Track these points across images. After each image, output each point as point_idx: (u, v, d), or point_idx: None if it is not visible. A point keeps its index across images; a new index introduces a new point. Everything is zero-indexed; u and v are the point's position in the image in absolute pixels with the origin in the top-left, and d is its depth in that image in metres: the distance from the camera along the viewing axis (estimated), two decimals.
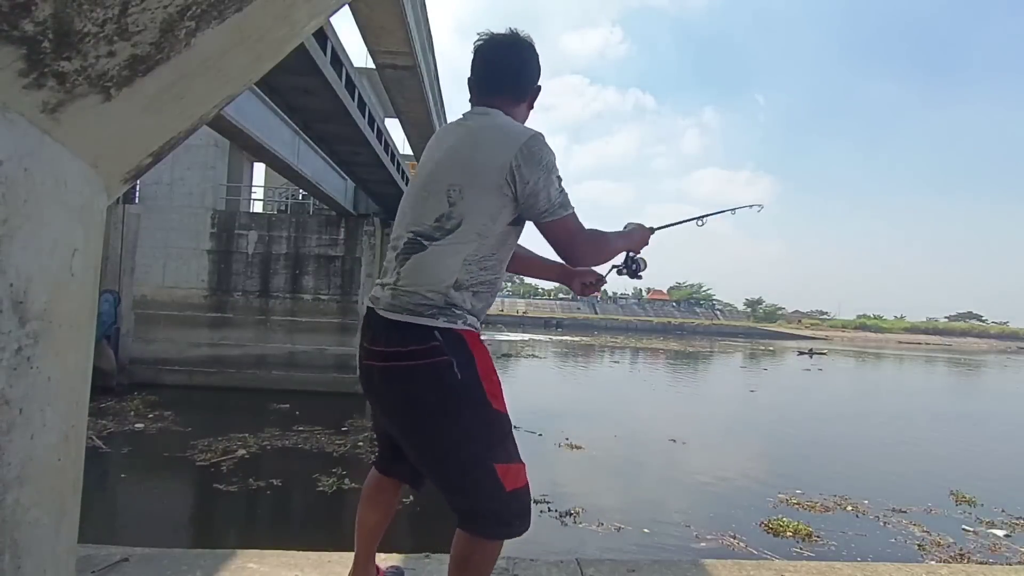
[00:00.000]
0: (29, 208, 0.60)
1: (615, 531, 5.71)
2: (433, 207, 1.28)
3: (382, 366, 1.27)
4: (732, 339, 58.80)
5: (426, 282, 1.24)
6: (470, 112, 1.41)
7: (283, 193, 16.32)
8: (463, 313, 1.26)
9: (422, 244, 1.27)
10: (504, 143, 1.28)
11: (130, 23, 0.58)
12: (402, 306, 1.25)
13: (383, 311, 1.27)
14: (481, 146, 1.30)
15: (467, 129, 1.35)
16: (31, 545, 0.63)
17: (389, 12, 4.85)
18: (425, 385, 1.23)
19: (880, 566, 2.10)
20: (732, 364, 30.56)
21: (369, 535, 1.50)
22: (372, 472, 1.51)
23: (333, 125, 7.89)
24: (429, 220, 1.28)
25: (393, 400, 1.29)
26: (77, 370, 0.72)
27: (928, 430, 12.67)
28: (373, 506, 1.49)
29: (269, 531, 5.67)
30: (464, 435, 1.24)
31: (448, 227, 1.26)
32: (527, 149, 1.27)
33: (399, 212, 1.38)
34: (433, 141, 1.43)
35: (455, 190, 1.27)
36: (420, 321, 1.23)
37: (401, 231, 1.32)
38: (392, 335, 1.24)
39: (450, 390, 1.22)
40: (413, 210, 1.32)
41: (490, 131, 1.32)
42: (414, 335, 1.23)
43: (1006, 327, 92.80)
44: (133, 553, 1.77)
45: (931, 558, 5.35)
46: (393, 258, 1.32)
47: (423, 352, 1.22)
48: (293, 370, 12.23)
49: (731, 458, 9.19)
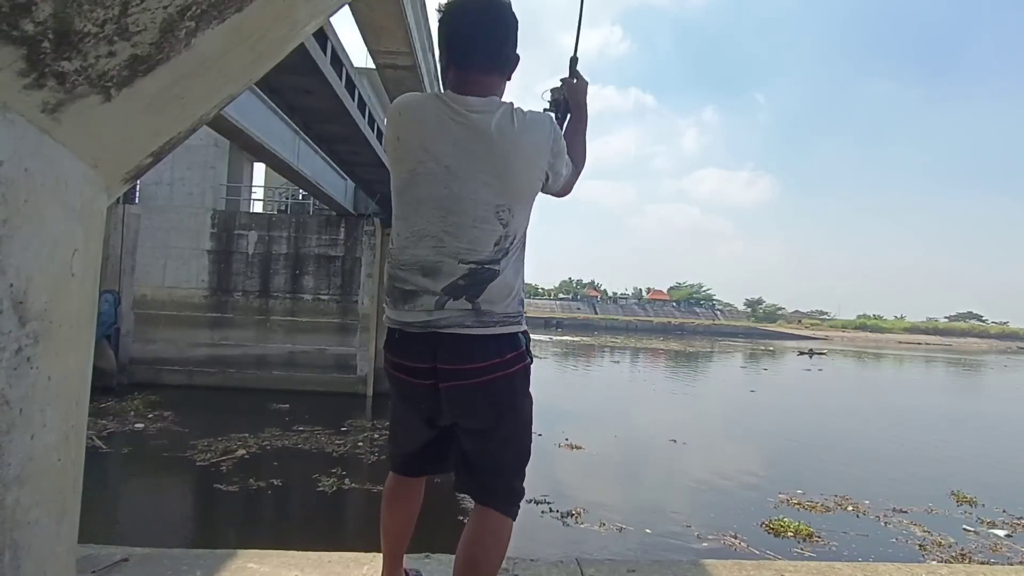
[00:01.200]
0: (29, 208, 0.60)
1: (617, 531, 5.72)
2: (487, 232, 1.24)
3: (469, 383, 1.27)
4: (732, 339, 58.80)
5: (505, 296, 1.28)
6: (461, 105, 1.25)
7: (283, 193, 16.32)
8: (522, 314, 1.35)
9: (492, 271, 1.25)
10: (536, 146, 1.28)
11: (130, 23, 0.58)
12: (492, 321, 1.27)
13: (455, 329, 1.24)
14: (513, 157, 1.25)
15: (478, 133, 1.23)
16: (31, 545, 0.63)
17: (389, 12, 4.85)
18: (519, 388, 1.32)
19: (880, 566, 2.09)
20: (732, 364, 30.56)
21: (399, 537, 1.50)
22: (395, 477, 1.50)
23: (333, 125, 7.90)
24: (488, 247, 1.24)
25: (477, 409, 1.31)
26: (77, 370, 0.72)
27: (928, 430, 12.67)
28: (402, 507, 1.49)
29: (269, 531, 5.67)
30: (527, 426, 1.38)
31: (507, 246, 1.27)
32: (556, 144, 1.32)
33: (412, 229, 1.27)
34: (424, 127, 1.27)
35: (504, 210, 1.25)
36: (509, 330, 1.29)
37: (443, 255, 1.24)
38: (484, 348, 1.26)
39: (526, 386, 1.35)
40: (455, 235, 1.23)
41: (516, 135, 1.25)
42: (508, 344, 1.29)
43: (1006, 327, 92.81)
44: (133, 553, 1.77)
45: (932, 558, 5.35)
46: (439, 282, 1.24)
47: (517, 358, 1.30)
48: (293, 370, 12.23)
49: (731, 458, 9.18)
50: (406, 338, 1.30)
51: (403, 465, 1.49)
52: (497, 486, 1.35)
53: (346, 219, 12.83)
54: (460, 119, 1.25)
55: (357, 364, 12.44)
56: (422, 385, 1.30)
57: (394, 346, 1.34)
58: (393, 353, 1.34)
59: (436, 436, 1.42)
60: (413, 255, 1.27)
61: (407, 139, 1.29)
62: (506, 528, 1.34)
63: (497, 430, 1.33)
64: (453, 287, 1.24)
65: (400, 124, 1.31)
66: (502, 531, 1.33)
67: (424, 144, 1.26)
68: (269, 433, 8.62)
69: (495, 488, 1.35)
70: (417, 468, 1.49)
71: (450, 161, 1.24)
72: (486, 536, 1.32)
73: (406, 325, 1.29)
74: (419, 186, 1.27)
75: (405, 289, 1.28)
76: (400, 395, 1.40)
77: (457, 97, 1.27)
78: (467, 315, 1.24)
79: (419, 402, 1.34)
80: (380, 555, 1.55)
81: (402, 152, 1.29)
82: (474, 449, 1.36)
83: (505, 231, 1.25)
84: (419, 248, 1.26)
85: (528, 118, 1.28)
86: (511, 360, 1.29)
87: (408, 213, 1.29)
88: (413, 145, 1.28)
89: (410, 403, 1.38)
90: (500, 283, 1.26)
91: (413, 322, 1.27)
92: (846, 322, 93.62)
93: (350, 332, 12.49)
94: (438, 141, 1.25)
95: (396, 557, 1.51)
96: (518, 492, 1.38)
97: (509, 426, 1.34)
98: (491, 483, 1.35)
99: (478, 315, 1.24)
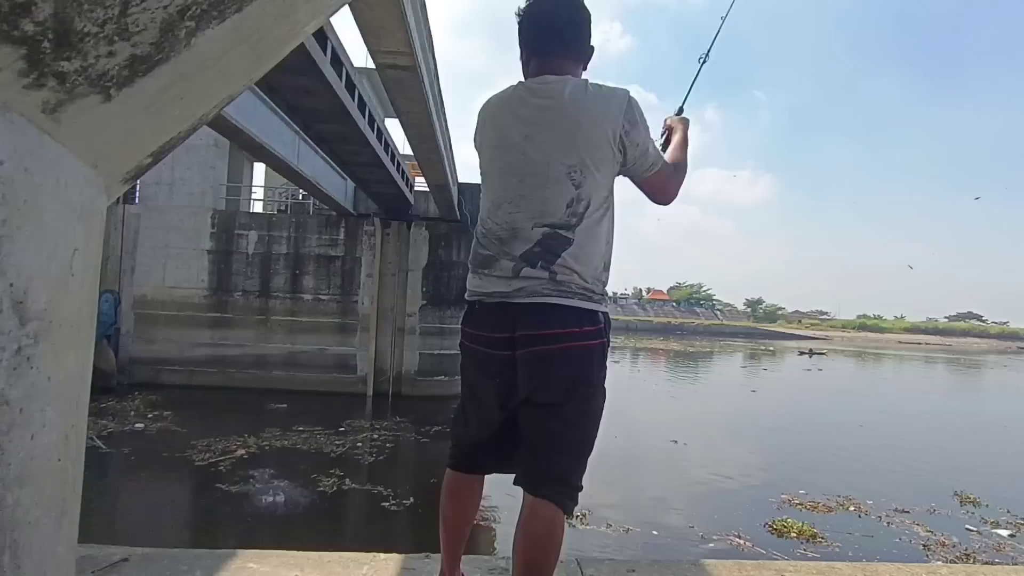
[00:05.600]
0: (29, 208, 0.60)
1: (624, 533, 5.72)
2: (559, 193, 1.28)
3: (547, 348, 1.27)
4: (732, 339, 58.80)
5: (583, 270, 1.28)
6: (540, 83, 1.35)
7: (283, 193, 16.32)
8: (605, 296, 1.34)
9: (565, 236, 1.27)
10: (607, 111, 1.30)
11: (130, 23, 0.58)
12: (570, 292, 1.27)
13: (534, 299, 1.27)
14: (584, 118, 1.29)
15: (553, 105, 1.31)
16: (31, 545, 0.63)
17: (389, 12, 4.84)
18: (596, 363, 1.30)
19: (880, 566, 2.09)
20: (732, 364, 30.57)
21: (460, 535, 1.46)
22: (454, 475, 1.46)
23: (333, 125, 7.90)
24: (560, 208, 1.27)
25: (553, 378, 1.28)
26: (77, 370, 0.72)
27: (929, 430, 12.67)
28: (464, 503, 1.45)
29: (269, 531, 5.67)
30: (597, 414, 1.33)
31: (580, 210, 1.28)
32: (631, 112, 1.31)
33: (492, 198, 1.35)
34: (503, 114, 1.38)
35: (576, 171, 1.28)
36: (588, 306, 1.29)
37: (519, 220, 1.29)
38: (563, 317, 1.27)
39: (602, 372, 1.33)
40: (529, 198, 1.29)
41: (588, 106, 1.30)
42: (587, 319, 1.29)
43: (1006, 327, 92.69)
44: (133, 553, 1.77)
45: (936, 558, 5.35)
46: (516, 247, 1.29)
47: (595, 332, 1.29)
48: (293, 370, 12.23)
49: (733, 459, 9.18)
50: (485, 308, 1.34)
51: (466, 458, 1.45)
52: (554, 473, 1.29)
53: (346, 219, 12.84)
54: (536, 95, 1.34)
55: (357, 364, 12.44)
56: (500, 356, 1.31)
57: (473, 317, 1.37)
58: (471, 325, 1.37)
59: (503, 427, 1.38)
60: (493, 223, 1.34)
61: (489, 124, 1.41)
62: (560, 523, 1.27)
63: (566, 406, 1.29)
64: (529, 254, 1.28)
65: (484, 116, 1.43)
66: (556, 526, 1.26)
67: (505, 123, 1.37)
68: (269, 433, 8.62)
69: (551, 474, 1.29)
70: (479, 462, 1.44)
71: (528, 131, 1.32)
72: (542, 535, 1.26)
73: (486, 296, 1.33)
74: (500, 159, 1.36)
75: (485, 254, 1.35)
76: (476, 368, 1.39)
77: (534, 80, 1.37)
78: (544, 283, 1.28)
79: (495, 375, 1.34)
80: (380, 555, 1.56)
81: (485, 136, 1.41)
82: (539, 429, 1.32)
83: (577, 192, 1.28)
84: (498, 215, 1.33)
85: (603, 88, 1.34)
86: (590, 333, 1.29)
87: (491, 185, 1.37)
88: (493, 129, 1.39)
89: (486, 377, 1.37)
90: (575, 253, 1.27)
91: (493, 291, 1.32)
92: (846, 322, 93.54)
93: (350, 332, 12.50)
94: (517, 117, 1.35)
95: (455, 557, 1.47)
96: (575, 486, 1.31)
97: (579, 405, 1.30)
98: (548, 468, 1.29)
99: (555, 285, 1.27)
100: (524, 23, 1.40)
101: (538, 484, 1.28)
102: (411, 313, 12.98)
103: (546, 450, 1.30)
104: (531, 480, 1.30)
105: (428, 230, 13.20)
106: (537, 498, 1.27)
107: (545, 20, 1.38)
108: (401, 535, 5.69)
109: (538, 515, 1.26)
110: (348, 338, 12.47)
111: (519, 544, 1.26)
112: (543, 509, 1.26)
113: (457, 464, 1.46)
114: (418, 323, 12.90)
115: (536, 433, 1.32)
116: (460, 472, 1.45)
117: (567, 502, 1.28)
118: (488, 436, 1.41)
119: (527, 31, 1.40)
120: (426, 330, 12.92)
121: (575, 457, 1.31)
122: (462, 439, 1.46)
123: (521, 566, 1.25)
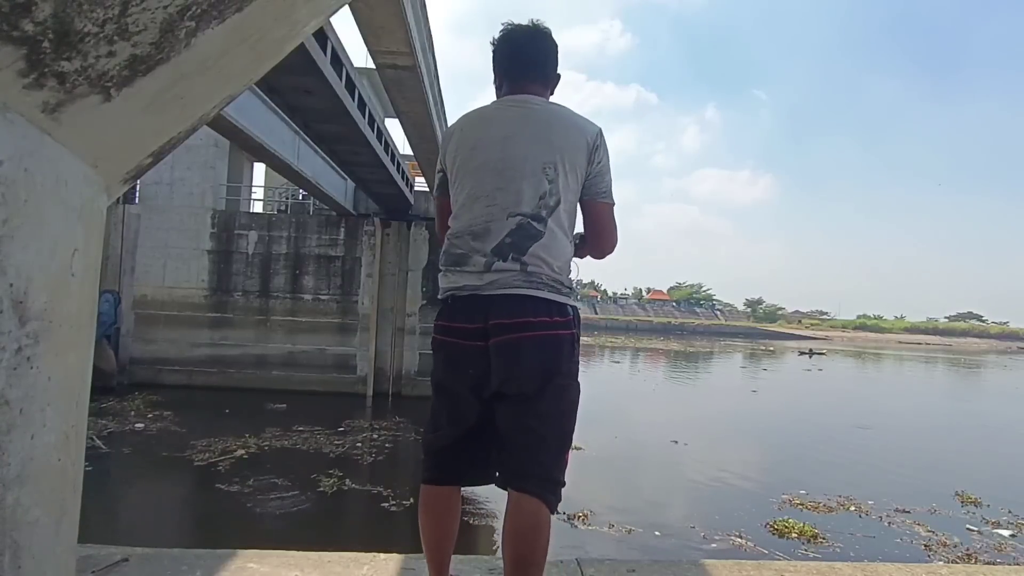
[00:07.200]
0: (29, 208, 0.60)
1: (626, 533, 5.71)
2: (532, 186, 1.36)
3: (519, 336, 1.31)
4: (732, 339, 58.78)
5: (552, 262, 1.35)
6: (517, 98, 1.46)
7: (283, 193, 16.32)
8: (573, 292, 1.40)
9: (536, 228, 1.34)
10: (583, 126, 1.42)
11: (130, 23, 0.58)
12: (540, 283, 1.33)
13: (506, 290, 1.32)
14: (558, 128, 1.40)
15: (530, 112, 1.42)
16: (31, 545, 0.63)
17: (389, 12, 4.84)
18: (566, 353, 1.35)
19: (880, 566, 2.10)
20: (733, 364, 30.56)
21: (443, 552, 1.43)
22: (428, 489, 1.44)
23: (333, 125, 7.89)
24: (533, 199, 1.35)
25: (524, 365, 1.31)
26: (77, 370, 0.72)
27: (930, 430, 12.67)
28: (443, 517, 1.42)
29: (269, 531, 5.66)
30: (572, 407, 1.37)
31: (551, 204, 1.36)
32: (600, 135, 1.43)
33: (467, 193, 1.41)
34: (480, 122, 1.48)
35: (550, 168, 1.36)
36: (558, 298, 1.35)
37: (494, 213, 1.36)
38: (535, 306, 1.32)
39: (573, 364, 1.36)
40: (506, 190, 1.36)
41: (563, 115, 1.43)
42: (557, 310, 1.34)
43: (1006, 327, 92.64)
44: (133, 553, 1.77)
45: (937, 558, 5.34)
46: (488, 242, 1.35)
47: (564, 323, 1.35)
48: (293, 370, 12.22)
49: (733, 459, 9.17)
50: (458, 301, 1.38)
51: (439, 468, 1.43)
52: (534, 468, 1.31)
53: (346, 219, 12.83)
54: (515, 104, 1.45)
55: (357, 364, 12.44)
56: (472, 347, 1.35)
57: (446, 311, 1.41)
58: (445, 318, 1.41)
59: (477, 428, 1.37)
60: (466, 219, 1.39)
61: (467, 130, 1.48)
62: (545, 517, 1.29)
63: (540, 401, 1.31)
64: (500, 246, 1.34)
65: (459, 125, 1.51)
66: (541, 520, 1.28)
67: (484, 127, 1.45)
68: (269, 433, 8.62)
69: (532, 471, 1.30)
70: (453, 471, 1.42)
71: (508, 131, 1.41)
72: (527, 529, 1.27)
73: (458, 289, 1.37)
74: (477, 157, 1.42)
75: (458, 253, 1.40)
76: (447, 362, 1.41)
77: (510, 97, 1.48)
78: (516, 276, 1.33)
79: (467, 367, 1.36)
80: (380, 555, 1.57)
81: (462, 141, 1.46)
82: (515, 426, 1.33)
83: (549, 187, 1.36)
84: (472, 210, 1.39)
85: (576, 113, 1.46)
86: (559, 323, 1.34)
87: (465, 184, 1.42)
88: (471, 133, 1.46)
89: (458, 369, 1.38)
90: (546, 245, 1.34)
91: (465, 285, 1.36)
92: (846, 322, 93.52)
93: (350, 332, 12.49)
94: (496, 121, 1.44)
95: (440, 569, 1.45)
96: (557, 481, 1.33)
97: (553, 399, 1.33)
98: (528, 464, 1.31)
99: (527, 276, 1.33)
100: (499, 51, 1.51)
101: (520, 481, 1.30)
102: (411, 313, 12.98)
103: (525, 447, 1.32)
104: (513, 478, 1.32)
105: (428, 230, 13.18)
106: (521, 493, 1.29)
107: (518, 48, 1.50)
108: (401, 535, 5.68)
109: (523, 509, 1.28)
110: (348, 338, 12.47)
111: (506, 540, 1.28)
112: (527, 503, 1.29)
113: (431, 477, 1.44)
114: (418, 323, 12.90)
115: (513, 431, 1.34)
116: (435, 486, 1.43)
117: (550, 497, 1.31)
118: (462, 436, 1.40)
119: (502, 58, 1.51)
120: (426, 330, 12.89)
121: (554, 452, 1.34)
122: (434, 445, 1.44)
123: (510, 562, 1.26)
